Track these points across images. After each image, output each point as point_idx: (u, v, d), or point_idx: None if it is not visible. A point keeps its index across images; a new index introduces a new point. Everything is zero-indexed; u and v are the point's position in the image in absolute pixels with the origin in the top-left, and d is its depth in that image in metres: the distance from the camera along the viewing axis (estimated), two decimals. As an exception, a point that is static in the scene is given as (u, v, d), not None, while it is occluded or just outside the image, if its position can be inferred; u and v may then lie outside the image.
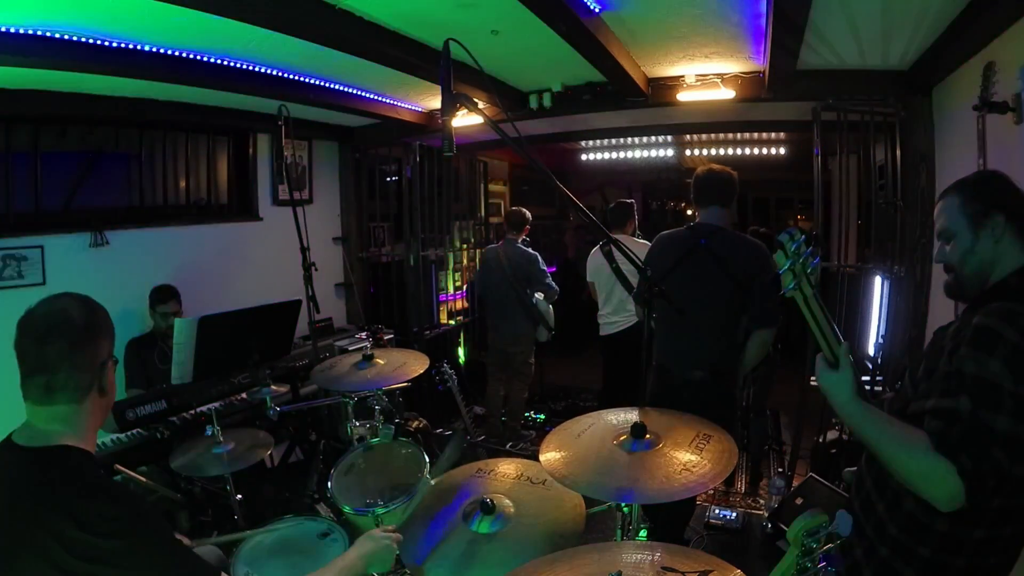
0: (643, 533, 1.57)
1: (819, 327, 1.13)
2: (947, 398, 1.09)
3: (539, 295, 4.22)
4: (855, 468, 1.44)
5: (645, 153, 6.37)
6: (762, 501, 3.45)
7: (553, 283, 4.26)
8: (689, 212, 10.27)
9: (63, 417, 1.11)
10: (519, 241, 4.28)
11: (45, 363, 1.09)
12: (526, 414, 4.90)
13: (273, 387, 2.51)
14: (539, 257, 4.23)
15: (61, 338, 1.10)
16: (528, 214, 4.38)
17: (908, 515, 1.19)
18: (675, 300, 1.76)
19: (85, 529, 0.98)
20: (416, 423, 3.57)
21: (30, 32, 2.26)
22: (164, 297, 3.24)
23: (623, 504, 1.44)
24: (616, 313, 3.97)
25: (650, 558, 1.03)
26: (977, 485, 1.02)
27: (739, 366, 2.46)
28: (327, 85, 3.50)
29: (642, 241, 3.85)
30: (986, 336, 1.08)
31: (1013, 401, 1.03)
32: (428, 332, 4.90)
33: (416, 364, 2.39)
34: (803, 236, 1.06)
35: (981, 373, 1.05)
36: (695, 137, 6.08)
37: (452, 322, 5.46)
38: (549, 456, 1.43)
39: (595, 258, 4.06)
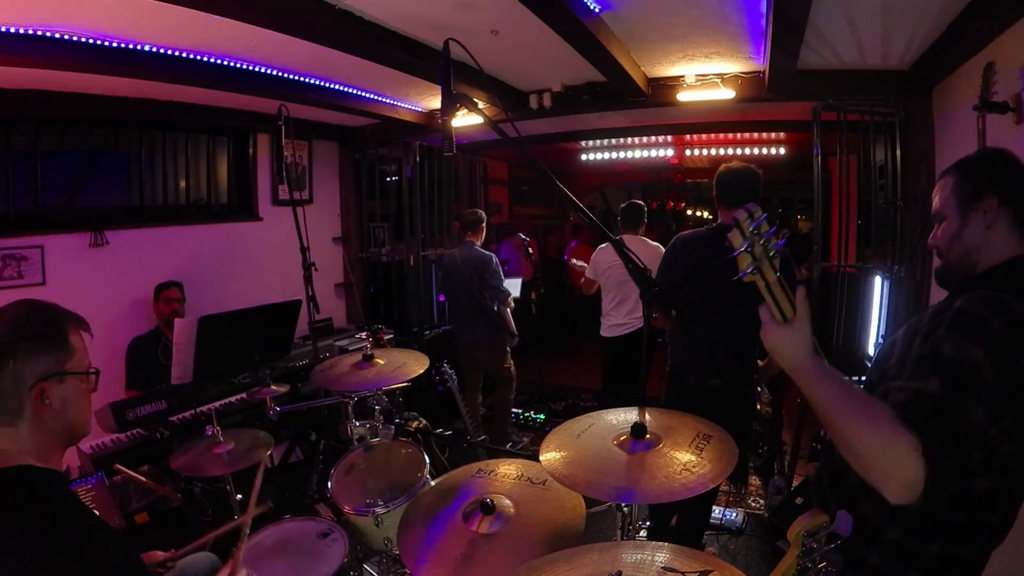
0: (643, 533, 1.57)
1: (780, 309, 1.00)
2: (915, 380, 0.97)
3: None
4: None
5: (645, 153, 6.38)
6: (762, 501, 3.45)
7: (504, 287, 4.09)
8: (688, 212, 10.28)
9: (8, 437, 1.06)
10: (478, 243, 4.12)
11: None
12: (526, 414, 4.91)
13: (273, 387, 2.51)
14: (493, 258, 4.07)
15: None
16: (482, 214, 4.22)
17: (861, 518, 1.07)
18: (675, 303, 1.74)
19: (36, 555, 0.95)
20: (416, 423, 3.57)
21: (30, 32, 2.26)
22: (167, 284, 3.36)
23: (623, 504, 1.43)
24: (631, 314, 3.88)
25: (650, 558, 1.03)
26: (939, 476, 0.88)
27: (755, 373, 2.43)
28: (327, 85, 3.50)
29: (654, 244, 3.81)
30: (969, 321, 0.97)
31: (991, 395, 0.91)
32: (428, 332, 4.90)
33: (416, 364, 2.39)
34: (764, 215, 0.93)
35: (960, 357, 0.94)
36: (695, 137, 6.08)
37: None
38: (549, 456, 1.42)
39: (605, 256, 3.90)
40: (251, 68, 3.03)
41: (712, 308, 2.33)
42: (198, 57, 2.79)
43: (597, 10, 2.40)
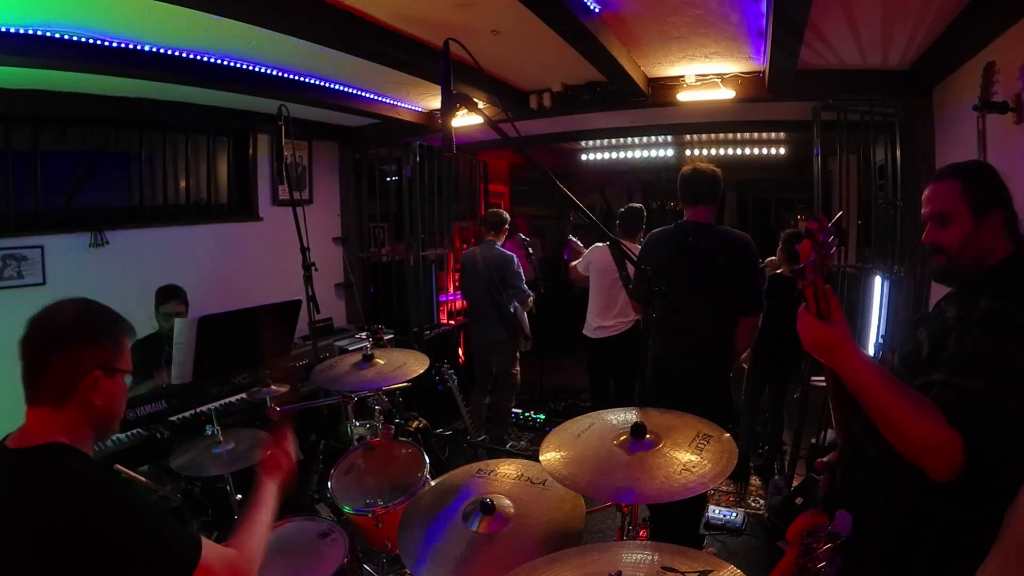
0: (643, 533, 1.57)
1: (819, 310, 1.11)
2: (959, 376, 1.10)
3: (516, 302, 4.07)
4: (826, 459, 1.49)
5: (645, 153, 6.37)
6: (762, 501, 3.45)
7: (526, 288, 4.08)
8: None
9: (46, 420, 1.10)
10: (499, 243, 4.13)
11: (25, 361, 1.11)
12: (526, 414, 4.90)
13: (273, 387, 2.51)
14: (514, 258, 4.06)
15: (39, 337, 1.11)
16: (506, 215, 4.23)
17: (914, 506, 1.21)
18: (673, 299, 1.77)
19: (68, 528, 0.97)
20: (416, 423, 3.57)
21: (30, 32, 2.26)
22: (166, 297, 3.19)
23: (623, 504, 1.43)
24: (616, 318, 3.88)
25: (650, 558, 1.03)
26: (977, 462, 1.03)
27: (730, 356, 2.57)
28: (327, 85, 3.50)
29: None
30: (999, 318, 1.11)
31: None
32: (428, 332, 4.90)
33: (416, 364, 2.39)
34: (831, 225, 1.03)
35: (998, 354, 1.08)
36: (695, 137, 6.08)
37: (452, 322, 5.46)
38: (549, 456, 1.43)
39: (603, 257, 3.86)
40: (251, 68, 3.03)
41: (687, 297, 2.42)
42: (198, 57, 2.79)
43: (597, 10, 2.40)
